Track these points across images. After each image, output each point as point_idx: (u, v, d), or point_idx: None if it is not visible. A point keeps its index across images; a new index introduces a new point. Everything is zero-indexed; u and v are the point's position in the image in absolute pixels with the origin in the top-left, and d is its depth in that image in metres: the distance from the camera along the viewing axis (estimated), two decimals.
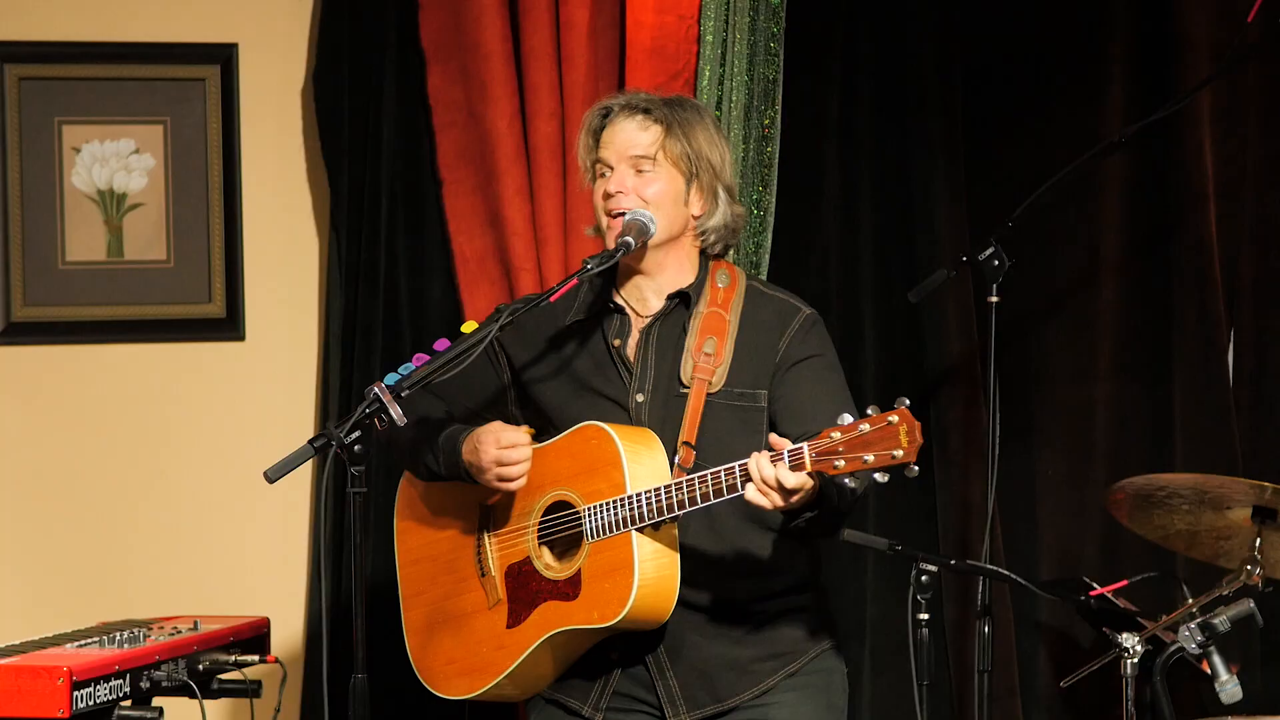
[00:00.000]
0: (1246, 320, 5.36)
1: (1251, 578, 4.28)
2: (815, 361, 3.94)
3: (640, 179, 3.92)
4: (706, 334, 3.91)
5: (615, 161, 3.92)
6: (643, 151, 3.92)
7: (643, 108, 3.95)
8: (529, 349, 4.02)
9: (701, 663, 3.90)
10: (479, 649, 3.97)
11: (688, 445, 3.85)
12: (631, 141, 3.92)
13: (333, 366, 5.19)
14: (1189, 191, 5.26)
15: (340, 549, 5.03)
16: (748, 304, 3.97)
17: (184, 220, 5.27)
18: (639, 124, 3.93)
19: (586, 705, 3.94)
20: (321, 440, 3.63)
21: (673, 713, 3.90)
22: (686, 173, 3.95)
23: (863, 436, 3.51)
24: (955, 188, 5.27)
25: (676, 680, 3.89)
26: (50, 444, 5.23)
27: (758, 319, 3.96)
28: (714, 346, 3.90)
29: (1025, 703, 5.22)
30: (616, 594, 3.75)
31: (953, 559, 4.54)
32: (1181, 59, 5.24)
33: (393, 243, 5.19)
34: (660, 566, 3.77)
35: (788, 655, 3.95)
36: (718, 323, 3.93)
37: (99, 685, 3.68)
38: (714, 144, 3.97)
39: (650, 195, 3.92)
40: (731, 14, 4.99)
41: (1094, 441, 5.30)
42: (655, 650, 3.89)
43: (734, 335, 3.93)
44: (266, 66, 5.29)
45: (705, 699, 3.90)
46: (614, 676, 3.93)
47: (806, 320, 3.98)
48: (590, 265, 3.87)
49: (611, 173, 3.93)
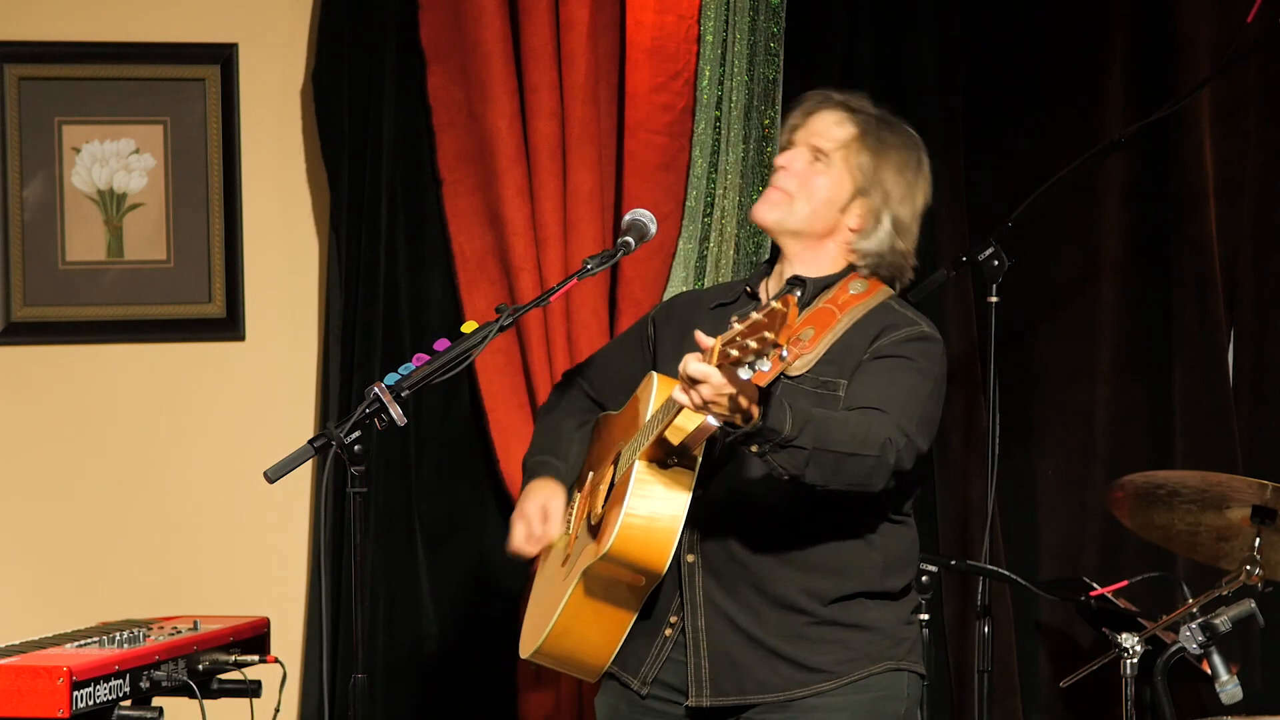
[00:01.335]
0: (1246, 320, 5.36)
1: (1251, 578, 4.28)
2: (899, 362, 3.76)
3: (810, 167, 3.86)
4: (807, 324, 3.84)
5: (800, 141, 3.89)
6: (824, 144, 3.86)
7: (848, 106, 3.89)
8: (673, 333, 3.95)
9: (736, 654, 3.80)
10: (544, 598, 3.93)
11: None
12: (821, 130, 3.87)
13: (333, 366, 5.19)
14: (1189, 191, 5.26)
15: (340, 549, 5.03)
16: (870, 313, 3.84)
17: (184, 220, 5.27)
18: (837, 118, 3.87)
19: (635, 679, 3.89)
20: (321, 440, 3.63)
21: (695, 691, 3.82)
22: (857, 184, 3.85)
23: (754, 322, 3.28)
24: (955, 188, 5.27)
25: (708, 659, 3.82)
26: (50, 444, 5.23)
27: (868, 325, 3.82)
28: (810, 337, 3.82)
29: (1025, 703, 5.23)
30: (609, 524, 3.70)
31: (953, 559, 4.56)
32: (1181, 59, 5.25)
33: (393, 243, 5.19)
34: (653, 509, 3.66)
35: (826, 672, 3.77)
36: (825, 317, 3.83)
37: (99, 685, 3.68)
38: (902, 175, 3.86)
39: (810, 186, 3.85)
40: (731, 14, 5.00)
41: (1094, 441, 5.30)
42: (695, 625, 3.83)
43: (836, 333, 3.80)
44: (266, 66, 5.29)
45: (729, 688, 3.81)
46: (665, 650, 3.86)
47: (915, 333, 3.81)
48: (590, 265, 3.86)
49: (790, 150, 3.90)
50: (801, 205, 3.86)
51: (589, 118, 5.01)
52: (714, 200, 4.99)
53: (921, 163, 3.92)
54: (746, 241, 4.99)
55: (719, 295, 4.00)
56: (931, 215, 5.23)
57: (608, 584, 3.79)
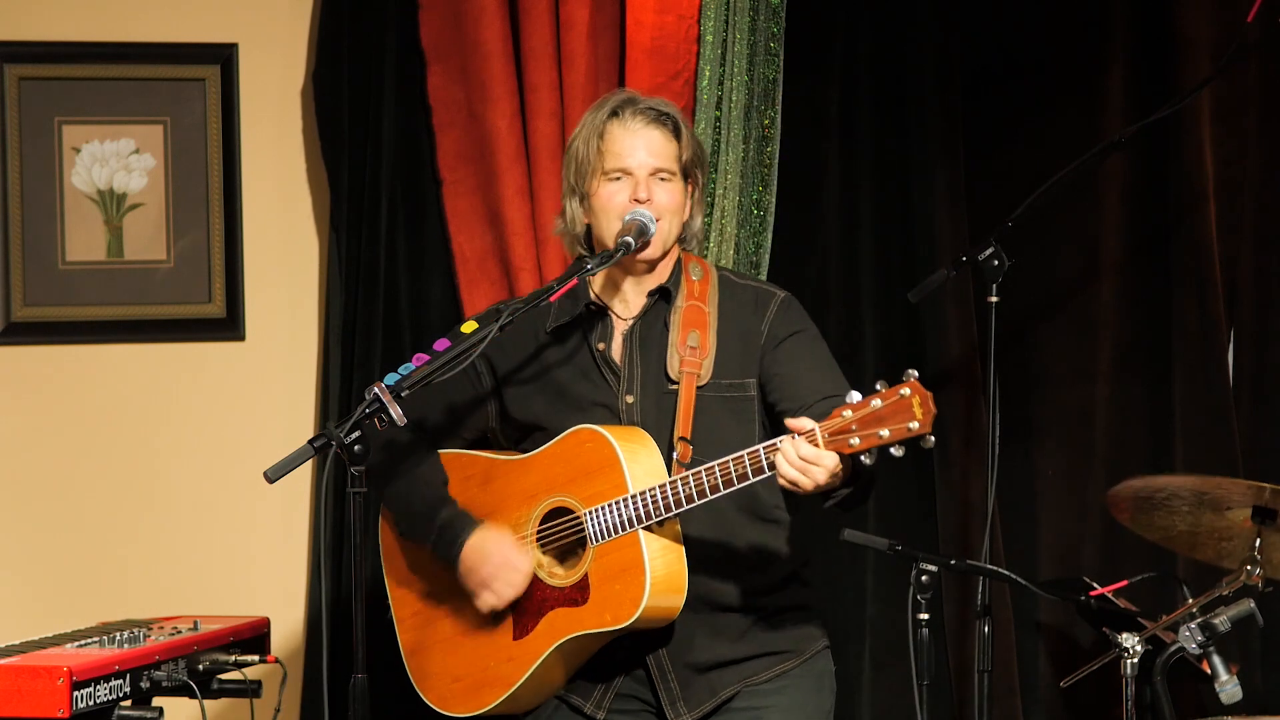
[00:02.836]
0: (1246, 320, 5.36)
1: (1251, 578, 4.28)
2: (800, 336, 3.96)
3: (662, 187, 3.94)
4: (689, 328, 3.91)
5: (638, 169, 3.92)
6: (667, 164, 3.94)
7: (663, 114, 3.96)
8: (511, 360, 4.01)
9: (701, 662, 3.90)
10: (486, 663, 3.95)
11: (684, 440, 3.84)
12: (660, 151, 3.94)
13: (333, 366, 5.19)
14: (1189, 191, 5.26)
15: (340, 549, 5.03)
16: (723, 294, 3.99)
17: (184, 220, 5.27)
18: (665, 135, 3.95)
19: (589, 703, 3.94)
20: (321, 440, 3.63)
21: (673, 714, 3.90)
22: (690, 180, 4.00)
23: (875, 412, 3.50)
24: (955, 188, 5.27)
25: (677, 680, 3.89)
26: (50, 444, 5.23)
27: (735, 308, 3.97)
28: (698, 339, 3.91)
29: (1025, 703, 5.22)
30: (629, 594, 3.75)
31: (953, 559, 4.54)
32: (1181, 59, 5.25)
33: (393, 243, 5.19)
34: (669, 563, 3.77)
35: (785, 654, 3.96)
36: (697, 315, 3.93)
37: (99, 685, 3.68)
38: (701, 148, 4.06)
39: (673, 206, 3.96)
40: (731, 14, 4.99)
41: (1094, 441, 5.30)
42: (656, 651, 3.89)
43: (714, 326, 3.94)
44: (266, 66, 5.29)
45: (704, 696, 3.91)
46: (619, 677, 3.93)
47: (783, 302, 3.99)
48: (590, 265, 3.87)
49: (630, 179, 3.93)
50: (670, 225, 3.98)
51: None
52: (714, 200, 4.99)
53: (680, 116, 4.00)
54: (747, 241, 4.99)
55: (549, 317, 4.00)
56: (931, 215, 5.27)
57: (596, 639, 3.83)
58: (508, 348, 4.00)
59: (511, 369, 4.00)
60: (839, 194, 5.28)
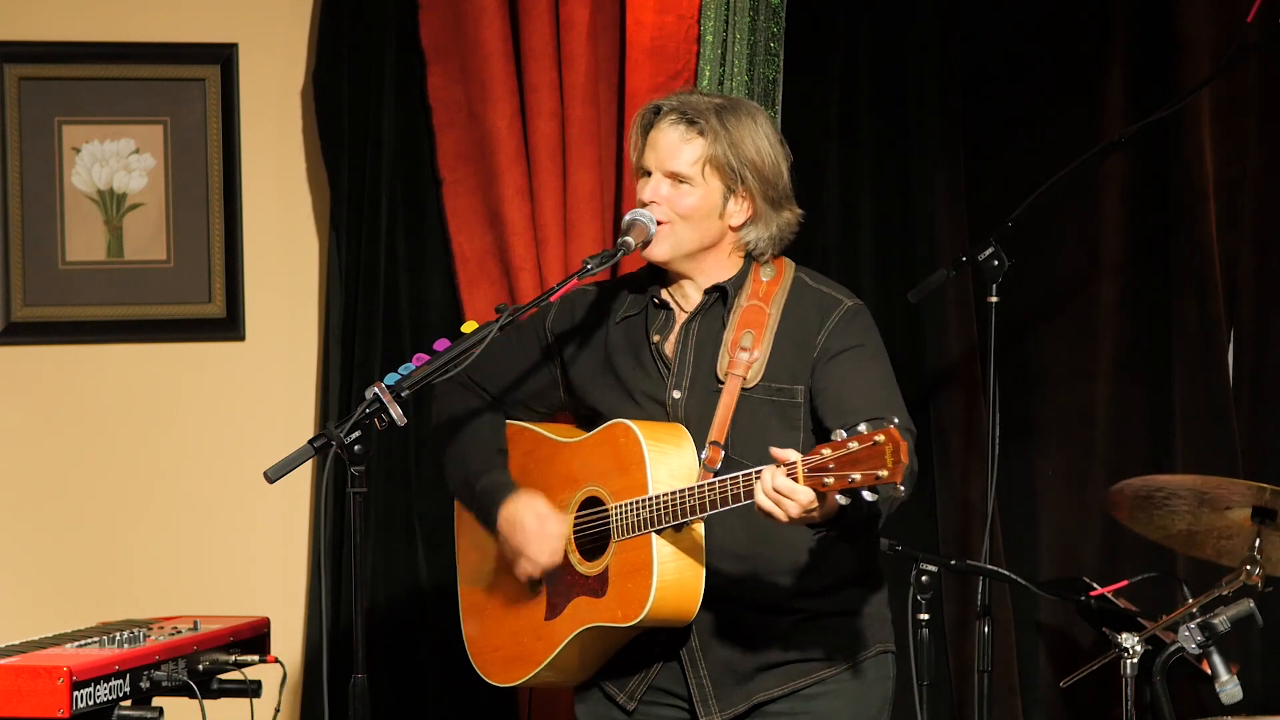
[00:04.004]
0: (1246, 320, 5.36)
1: (1251, 578, 4.28)
2: (856, 352, 3.85)
3: (676, 191, 3.87)
4: (744, 328, 3.87)
5: (654, 169, 3.90)
6: (681, 168, 3.86)
7: (689, 117, 3.87)
8: (578, 343, 4.00)
9: (736, 661, 3.85)
10: (520, 638, 3.96)
11: (715, 445, 3.81)
12: (672, 154, 3.87)
13: (333, 366, 5.19)
14: (1189, 191, 5.26)
15: (340, 549, 5.03)
16: (791, 297, 3.91)
17: (184, 220, 5.27)
18: (682, 135, 3.86)
19: (622, 693, 3.92)
20: (321, 440, 3.63)
21: (704, 711, 3.87)
22: (726, 186, 3.88)
23: (850, 454, 3.44)
24: (955, 188, 5.27)
25: (709, 677, 3.86)
26: (50, 444, 5.22)
27: (799, 312, 3.89)
28: (751, 340, 3.85)
29: (1025, 703, 5.22)
30: (637, 595, 3.75)
31: (953, 559, 4.55)
32: (1181, 59, 5.25)
33: (393, 243, 5.19)
34: (681, 569, 3.75)
35: (831, 660, 3.87)
36: (757, 316, 3.88)
37: (99, 685, 3.68)
38: (760, 153, 3.87)
39: (683, 209, 3.87)
40: (731, 14, 5.00)
41: (1094, 441, 5.30)
42: (689, 646, 3.87)
43: (773, 328, 3.87)
44: (266, 66, 5.29)
45: (738, 697, 3.86)
46: (654, 669, 3.90)
47: (848, 311, 3.88)
48: (590, 265, 3.87)
49: (649, 179, 3.92)
50: (684, 229, 3.90)
51: (589, 118, 5.01)
52: None
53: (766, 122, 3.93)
54: None
55: (622, 305, 4.00)
56: (931, 215, 5.27)
57: (614, 632, 3.83)
58: (579, 328, 3.99)
59: (577, 350, 3.99)
60: (839, 194, 5.28)
